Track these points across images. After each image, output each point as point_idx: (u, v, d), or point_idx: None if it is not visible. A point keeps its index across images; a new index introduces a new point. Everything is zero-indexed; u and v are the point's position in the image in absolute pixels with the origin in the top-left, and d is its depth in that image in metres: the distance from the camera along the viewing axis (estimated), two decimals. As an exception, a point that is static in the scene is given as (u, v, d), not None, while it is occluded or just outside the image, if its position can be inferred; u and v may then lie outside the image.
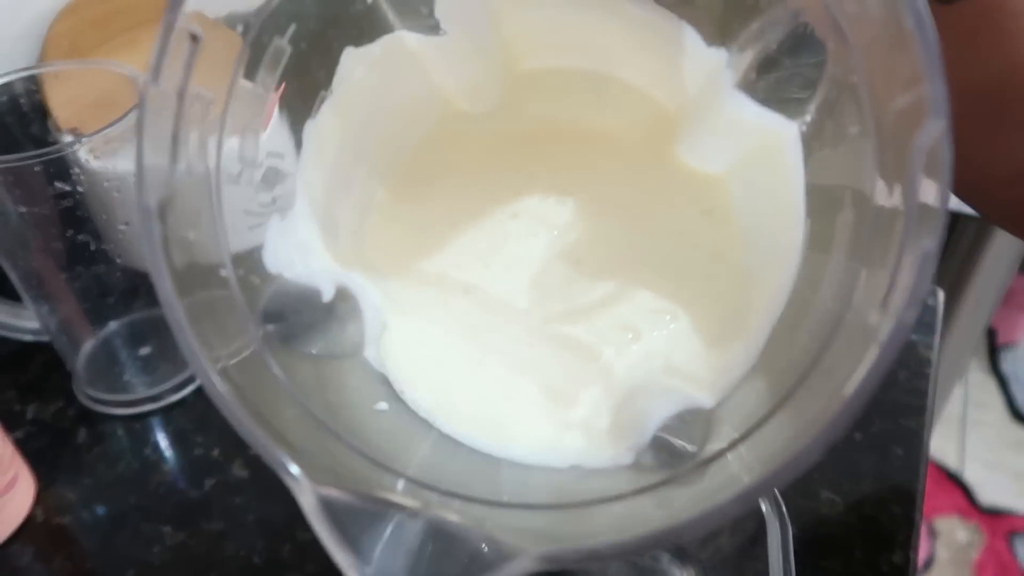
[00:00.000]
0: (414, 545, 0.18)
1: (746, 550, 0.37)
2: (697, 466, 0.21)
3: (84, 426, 0.49)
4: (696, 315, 0.23)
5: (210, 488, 0.45)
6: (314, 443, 0.22)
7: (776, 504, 0.36)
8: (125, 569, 0.41)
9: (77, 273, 0.45)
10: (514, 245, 0.25)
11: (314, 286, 0.25)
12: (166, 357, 0.52)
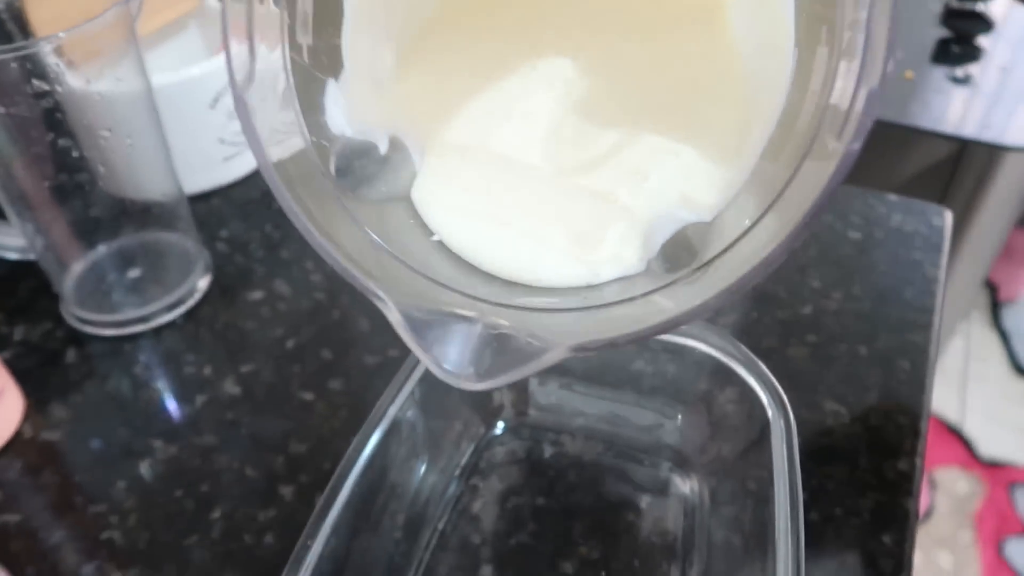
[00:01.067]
0: (476, 346, 0.23)
1: (748, 457, 0.36)
2: (697, 268, 0.24)
3: (73, 347, 0.48)
4: (699, 146, 0.25)
5: (201, 405, 0.44)
6: (389, 272, 0.26)
7: (781, 407, 0.35)
8: (115, 482, 0.40)
9: (61, 184, 0.44)
10: (526, 102, 0.27)
11: (370, 140, 0.28)
12: (155, 279, 0.51)
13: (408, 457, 0.37)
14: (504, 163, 0.27)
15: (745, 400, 0.35)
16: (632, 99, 0.25)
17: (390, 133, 0.27)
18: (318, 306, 0.50)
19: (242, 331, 0.48)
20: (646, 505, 0.39)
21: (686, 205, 0.24)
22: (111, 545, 0.38)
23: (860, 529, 0.37)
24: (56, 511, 0.39)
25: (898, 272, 0.51)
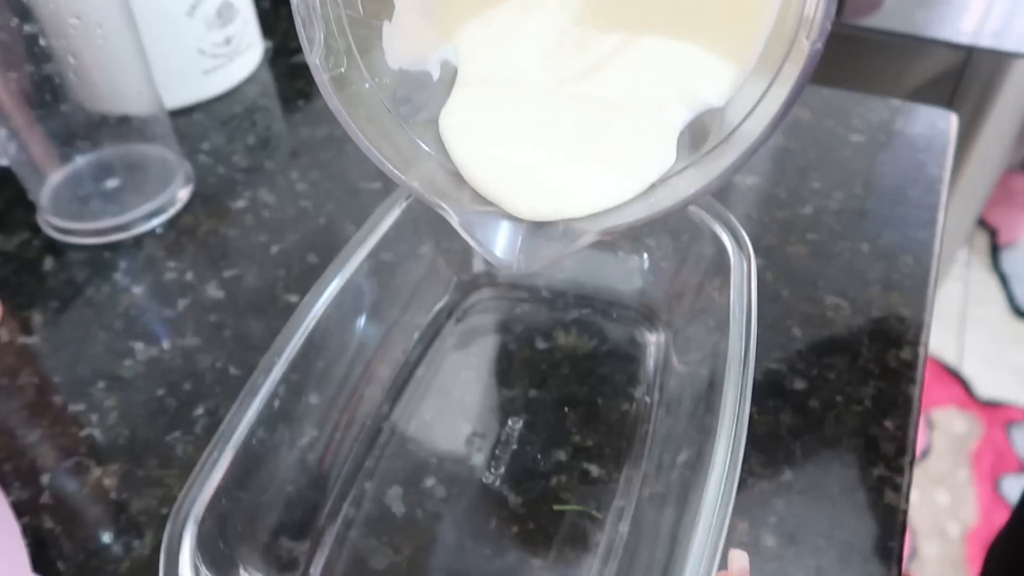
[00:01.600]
0: (523, 236, 0.28)
1: (711, 303, 0.35)
2: (716, 145, 0.26)
3: (50, 255, 0.46)
4: (706, 41, 0.27)
5: (184, 308, 0.43)
6: (448, 185, 0.29)
7: (743, 248, 0.34)
8: (94, 382, 0.39)
9: (30, 77, 0.42)
10: (526, 23, 0.29)
11: (424, 69, 0.30)
12: (135, 189, 0.49)
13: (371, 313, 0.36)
14: (514, 84, 0.29)
15: (709, 243, 0.34)
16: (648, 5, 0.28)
17: (441, 59, 0.30)
18: (303, 213, 0.48)
19: (225, 238, 0.47)
20: (612, 358, 0.37)
21: (696, 94, 0.27)
22: (91, 442, 0.37)
23: (862, 416, 0.36)
24: (33, 411, 0.38)
25: (902, 173, 0.49)
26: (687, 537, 0.25)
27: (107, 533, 0.33)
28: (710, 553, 0.24)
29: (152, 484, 0.35)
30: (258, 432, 0.29)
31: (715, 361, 0.32)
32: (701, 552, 0.24)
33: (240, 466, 0.28)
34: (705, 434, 0.30)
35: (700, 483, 0.26)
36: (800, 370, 0.38)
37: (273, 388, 0.30)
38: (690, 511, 0.27)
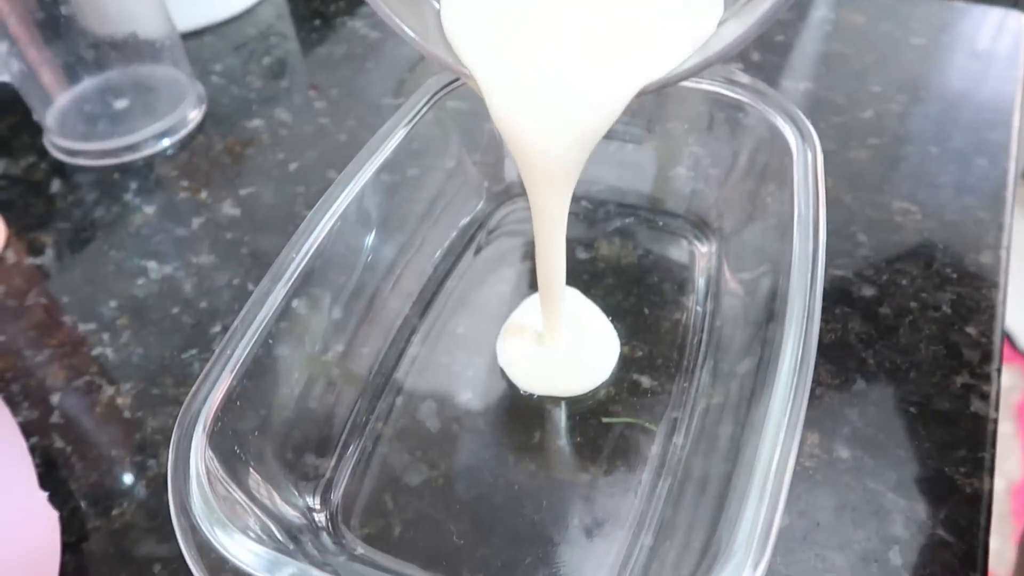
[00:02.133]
0: None
1: (770, 200, 0.32)
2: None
3: (58, 178, 0.44)
4: None
5: (199, 226, 0.40)
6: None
7: (806, 136, 0.31)
8: (105, 301, 0.37)
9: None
10: None
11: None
12: (145, 110, 0.46)
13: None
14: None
15: (765, 138, 0.31)
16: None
17: None
18: (322, 130, 0.45)
19: (241, 156, 0.44)
20: (659, 268, 0.34)
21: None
22: (102, 361, 0.34)
23: (940, 322, 0.33)
24: (42, 331, 0.36)
25: (969, 76, 0.45)
26: (752, 449, 0.22)
27: (121, 452, 0.31)
28: (781, 465, 0.21)
29: (168, 403, 0.32)
30: (273, 339, 0.26)
31: (776, 265, 0.29)
32: (769, 464, 0.21)
33: (255, 370, 0.25)
34: (768, 342, 0.27)
35: (765, 393, 0.23)
36: (868, 277, 0.34)
37: (288, 291, 0.27)
38: (754, 423, 0.24)
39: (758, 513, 0.20)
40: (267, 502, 0.25)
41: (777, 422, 0.22)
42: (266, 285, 0.27)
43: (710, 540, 0.23)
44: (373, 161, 0.31)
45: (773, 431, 0.22)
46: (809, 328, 0.24)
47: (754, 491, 0.21)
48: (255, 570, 0.20)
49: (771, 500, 0.20)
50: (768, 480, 0.21)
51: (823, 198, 0.28)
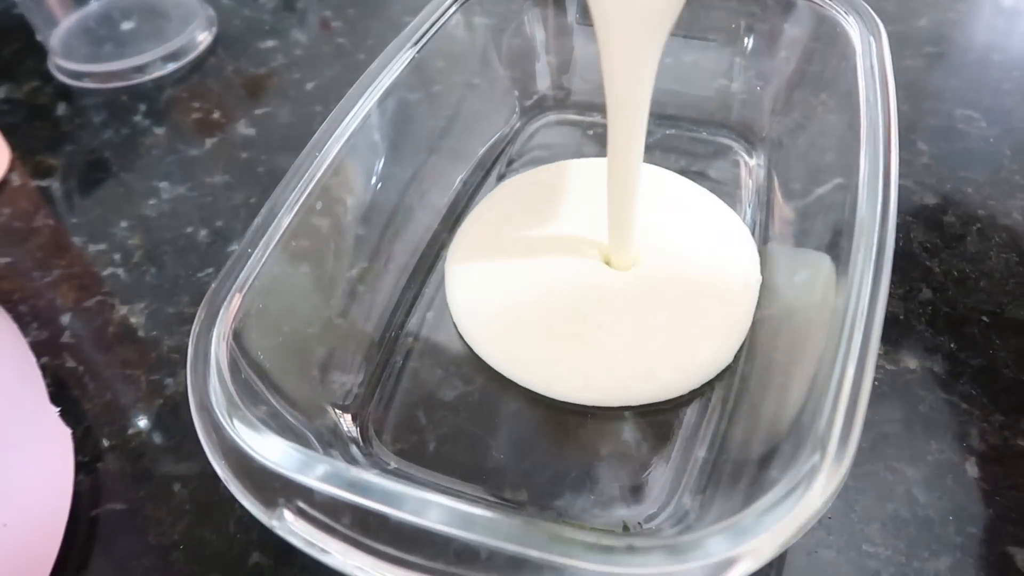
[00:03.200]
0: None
1: (815, 112, 0.30)
2: None
3: (63, 101, 0.42)
4: None
5: (212, 146, 0.38)
6: None
7: (863, 15, 0.28)
8: (116, 222, 0.35)
9: None
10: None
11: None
12: (152, 32, 0.44)
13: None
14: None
15: (821, 32, 0.28)
16: None
17: None
18: (340, 49, 0.43)
19: (255, 77, 0.42)
20: (703, 180, 0.32)
21: None
22: (114, 280, 0.32)
23: (1011, 230, 0.30)
24: (50, 252, 0.34)
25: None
26: (827, 366, 0.20)
27: (136, 371, 0.29)
28: (855, 375, 0.18)
29: (184, 322, 0.30)
30: (293, 253, 0.25)
31: (835, 173, 0.27)
32: (840, 374, 0.19)
33: (272, 286, 0.23)
34: (831, 249, 0.25)
35: (827, 304, 0.21)
36: (931, 185, 0.32)
37: (303, 206, 0.25)
38: (812, 336, 0.22)
39: (837, 404, 0.18)
40: (291, 416, 0.23)
41: (848, 334, 0.20)
42: (282, 195, 0.25)
43: (775, 447, 0.21)
44: (391, 69, 0.29)
45: (845, 344, 0.20)
46: (883, 234, 0.22)
47: (833, 380, 0.19)
48: (285, 469, 0.18)
49: (853, 388, 0.18)
50: (844, 389, 0.19)
51: (893, 88, 0.25)
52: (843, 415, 0.18)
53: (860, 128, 0.25)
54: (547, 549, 0.17)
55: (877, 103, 0.25)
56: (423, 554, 0.17)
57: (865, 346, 0.19)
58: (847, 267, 0.21)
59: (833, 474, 0.17)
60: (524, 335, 0.27)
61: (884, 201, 0.22)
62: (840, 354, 0.19)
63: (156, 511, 0.25)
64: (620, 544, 0.17)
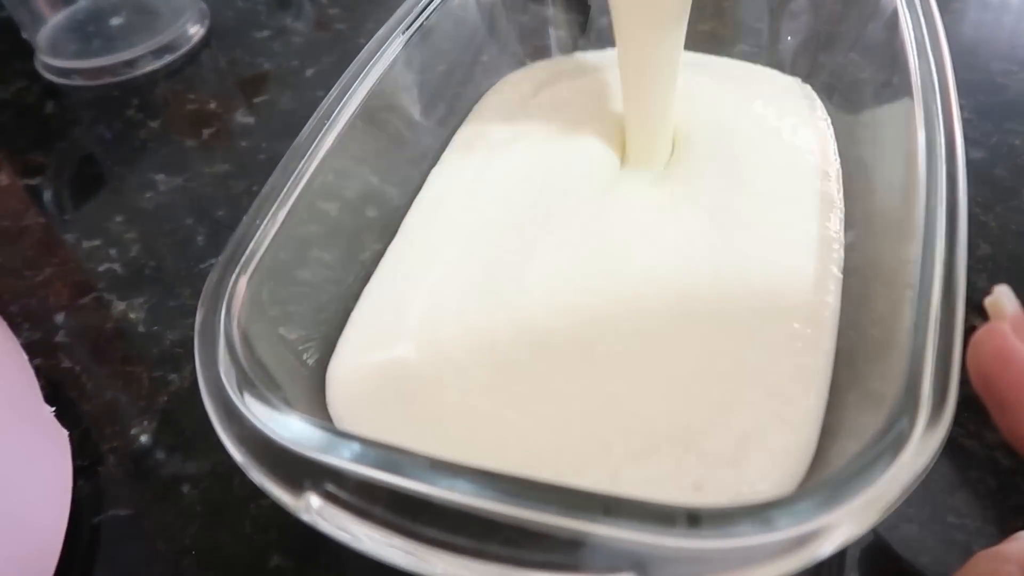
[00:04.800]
0: None
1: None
2: None
3: (52, 100, 0.40)
4: None
5: (209, 136, 0.36)
6: None
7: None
8: (111, 216, 0.33)
9: None
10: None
11: None
12: (143, 27, 0.42)
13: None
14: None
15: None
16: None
17: None
18: (339, 36, 0.41)
19: (252, 65, 0.40)
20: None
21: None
22: (111, 276, 0.30)
23: (1066, 180, 0.28)
24: (42, 249, 0.32)
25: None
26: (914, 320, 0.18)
27: (137, 368, 0.27)
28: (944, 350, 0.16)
29: (187, 314, 0.28)
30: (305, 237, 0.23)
31: (879, 123, 0.25)
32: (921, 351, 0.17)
33: (283, 256, 0.22)
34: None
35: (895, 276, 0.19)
36: (976, 139, 0.30)
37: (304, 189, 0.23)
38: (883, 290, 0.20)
39: (923, 358, 0.16)
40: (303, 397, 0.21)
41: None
42: (284, 173, 0.23)
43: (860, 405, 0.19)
44: (392, 46, 0.28)
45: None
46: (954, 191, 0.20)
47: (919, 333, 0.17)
48: (310, 450, 0.16)
49: (943, 341, 0.16)
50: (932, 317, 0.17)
51: (942, 32, 0.24)
52: (935, 370, 0.16)
53: (912, 87, 0.23)
54: (610, 522, 0.14)
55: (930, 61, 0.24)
56: (471, 535, 0.15)
57: (952, 295, 0.17)
58: (916, 230, 0.19)
59: (932, 431, 0.15)
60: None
61: (950, 158, 0.21)
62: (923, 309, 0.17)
63: (164, 515, 0.23)
64: (683, 513, 0.14)
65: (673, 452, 0.20)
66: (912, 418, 0.15)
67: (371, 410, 0.21)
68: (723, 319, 0.22)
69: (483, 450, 0.20)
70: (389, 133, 0.28)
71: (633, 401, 0.20)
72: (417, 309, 0.23)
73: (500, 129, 0.30)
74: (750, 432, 0.20)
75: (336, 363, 0.22)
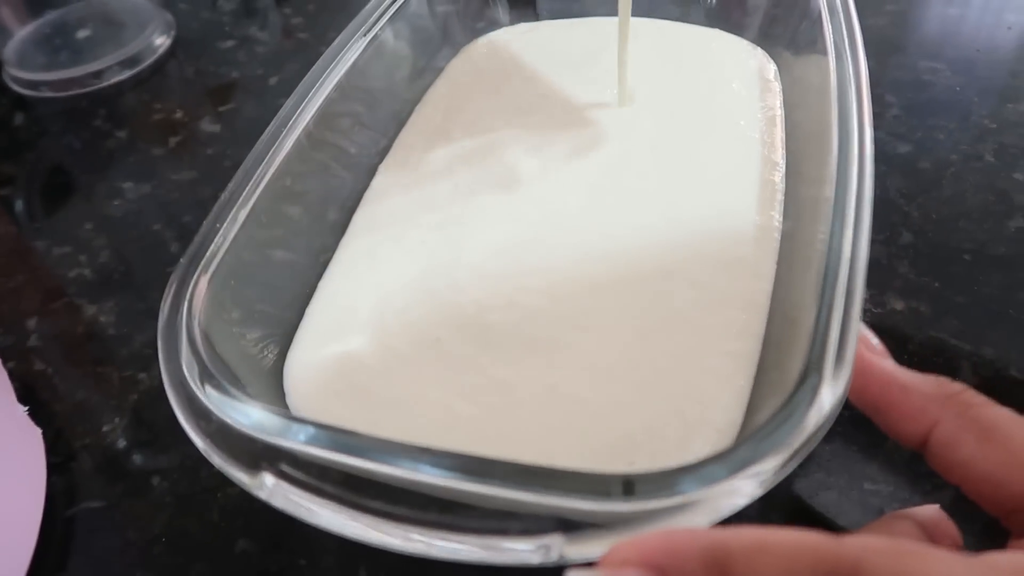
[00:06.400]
0: None
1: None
2: None
3: (20, 112, 0.41)
4: None
5: (176, 144, 0.37)
6: None
7: None
8: (80, 223, 0.34)
9: None
10: None
11: None
12: (109, 39, 0.43)
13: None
14: None
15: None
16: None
17: None
18: (302, 44, 0.42)
19: (216, 75, 0.41)
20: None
21: None
22: (81, 281, 0.31)
23: (984, 171, 0.30)
24: (12, 257, 0.33)
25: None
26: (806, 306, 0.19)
27: (108, 369, 0.28)
28: (843, 327, 0.18)
29: (155, 317, 0.29)
30: (264, 243, 0.24)
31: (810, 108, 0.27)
32: (826, 325, 0.18)
33: (242, 257, 0.23)
34: (806, 196, 0.25)
35: (810, 259, 0.21)
36: (902, 134, 0.32)
37: (274, 175, 0.25)
38: (798, 284, 0.22)
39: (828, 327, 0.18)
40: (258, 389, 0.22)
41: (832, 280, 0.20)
42: (244, 176, 0.24)
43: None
44: (349, 53, 0.29)
45: (829, 291, 0.19)
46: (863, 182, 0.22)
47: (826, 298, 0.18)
48: (265, 434, 0.18)
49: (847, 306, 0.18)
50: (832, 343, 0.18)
51: (859, 31, 0.25)
52: (838, 341, 0.18)
53: (830, 82, 0.25)
54: (537, 490, 0.16)
55: (846, 42, 0.26)
56: (411, 505, 0.16)
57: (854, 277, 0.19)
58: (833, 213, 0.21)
59: (833, 388, 0.17)
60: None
61: (860, 143, 0.22)
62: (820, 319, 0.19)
63: (135, 506, 0.24)
64: (617, 480, 0.16)
65: (609, 433, 0.21)
66: (815, 388, 0.17)
67: (325, 401, 0.22)
68: (661, 306, 0.24)
69: (432, 436, 0.21)
70: (346, 136, 0.29)
71: (571, 386, 0.22)
72: (365, 306, 0.24)
73: (439, 124, 0.31)
74: (683, 411, 0.21)
75: (292, 357, 0.24)
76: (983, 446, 0.16)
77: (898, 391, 0.18)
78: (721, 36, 0.33)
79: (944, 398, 0.17)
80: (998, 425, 0.16)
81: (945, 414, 0.17)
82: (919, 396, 0.17)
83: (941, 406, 0.17)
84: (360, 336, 0.24)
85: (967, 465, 0.16)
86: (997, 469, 0.16)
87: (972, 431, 0.16)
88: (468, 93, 0.33)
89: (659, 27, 0.34)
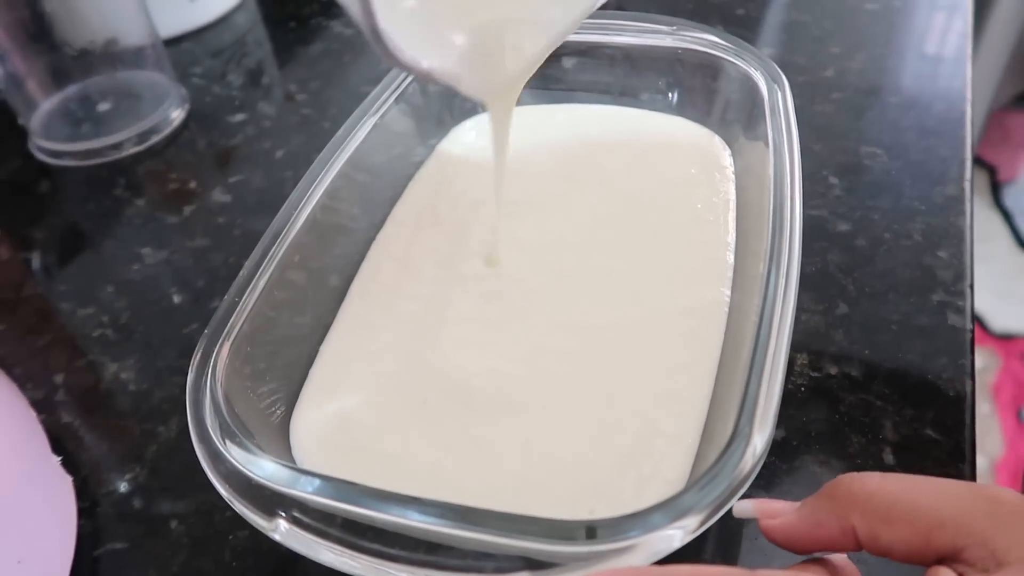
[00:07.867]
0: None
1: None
2: None
3: (46, 179, 0.44)
4: None
5: (190, 213, 0.41)
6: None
7: (770, 71, 0.32)
8: (102, 287, 0.37)
9: (22, 4, 0.40)
10: None
11: None
12: (128, 112, 0.47)
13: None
14: None
15: (733, 84, 0.33)
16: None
17: None
18: (306, 120, 0.46)
19: (227, 148, 0.45)
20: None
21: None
22: (104, 341, 0.35)
23: (913, 249, 0.34)
24: (41, 317, 0.36)
25: (921, 32, 0.47)
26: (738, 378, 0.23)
27: (129, 422, 0.31)
28: (768, 392, 0.21)
29: (173, 373, 0.33)
30: (274, 309, 0.27)
31: (755, 190, 0.30)
32: (755, 392, 0.22)
33: (260, 325, 0.26)
34: (750, 273, 0.29)
35: (746, 330, 0.24)
36: (842, 214, 0.36)
37: (288, 250, 0.28)
38: (736, 352, 0.25)
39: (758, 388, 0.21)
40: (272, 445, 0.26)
41: (763, 350, 0.23)
42: (262, 251, 0.28)
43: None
44: (356, 135, 0.33)
45: (760, 358, 0.23)
46: (791, 259, 0.25)
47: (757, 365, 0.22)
48: (278, 484, 0.21)
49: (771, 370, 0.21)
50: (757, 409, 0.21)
51: (795, 130, 0.29)
52: (763, 405, 0.21)
53: (768, 165, 0.29)
54: (511, 535, 0.19)
55: (786, 142, 0.29)
56: (403, 546, 0.20)
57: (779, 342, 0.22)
58: (765, 288, 0.24)
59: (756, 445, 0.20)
60: None
61: (791, 227, 0.26)
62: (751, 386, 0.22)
63: (155, 547, 0.27)
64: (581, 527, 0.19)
65: (574, 484, 0.24)
66: (743, 445, 0.20)
67: (327, 454, 0.26)
68: (622, 374, 0.27)
69: (420, 487, 0.24)
70: (349, 209, 0.33)
71: (542, 443, 0.25)
72: (361, 369, 0.28)
73: (428, 200, 0.35)
74: (639, 465, 0.25)
75: (298, 414, 0.27)
76: (892, 529, 0.17)
77: (808, 530, 0.19)
78: (684, 124, 0.37)
79: (846, 504, 0.18)
80: (894, 505, 0.18)
81: (855, 518, 0.18)
82: (829, 519, 0.18)
83: (849, 513, 0.18)
84: (356, 396, 0.27)
85: (891, 550, 0.18)
86: (913, 540, 0.17)
87: (877, 520, 0.18)
88: (455, 171, 0.36)
89: (627, 115, 0.38)
